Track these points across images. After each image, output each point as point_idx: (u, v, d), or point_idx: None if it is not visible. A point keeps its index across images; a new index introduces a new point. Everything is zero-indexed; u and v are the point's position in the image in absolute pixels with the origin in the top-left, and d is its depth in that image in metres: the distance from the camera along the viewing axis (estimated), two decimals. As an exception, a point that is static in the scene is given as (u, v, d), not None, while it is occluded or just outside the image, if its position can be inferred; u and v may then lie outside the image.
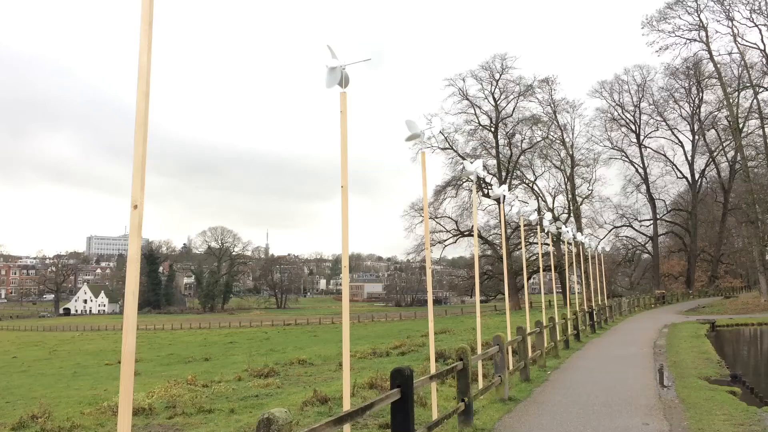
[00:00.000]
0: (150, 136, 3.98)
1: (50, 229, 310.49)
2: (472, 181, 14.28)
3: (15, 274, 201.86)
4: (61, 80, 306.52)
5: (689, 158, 76.79)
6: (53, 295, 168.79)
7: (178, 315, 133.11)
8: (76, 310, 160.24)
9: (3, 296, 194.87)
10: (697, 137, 75.42)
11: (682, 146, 77.13)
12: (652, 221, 78.82)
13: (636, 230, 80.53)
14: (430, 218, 70.98)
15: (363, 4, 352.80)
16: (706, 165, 76.13)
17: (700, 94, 73.01)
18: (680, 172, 77.83)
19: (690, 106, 75.10)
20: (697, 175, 77.07)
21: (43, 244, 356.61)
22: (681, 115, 76.03)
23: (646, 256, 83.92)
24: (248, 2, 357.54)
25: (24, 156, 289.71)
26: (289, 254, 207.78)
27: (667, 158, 78.02)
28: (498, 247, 71.78)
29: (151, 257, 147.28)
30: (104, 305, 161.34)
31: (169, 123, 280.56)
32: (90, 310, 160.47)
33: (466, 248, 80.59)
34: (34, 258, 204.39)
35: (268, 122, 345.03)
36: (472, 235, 67.26)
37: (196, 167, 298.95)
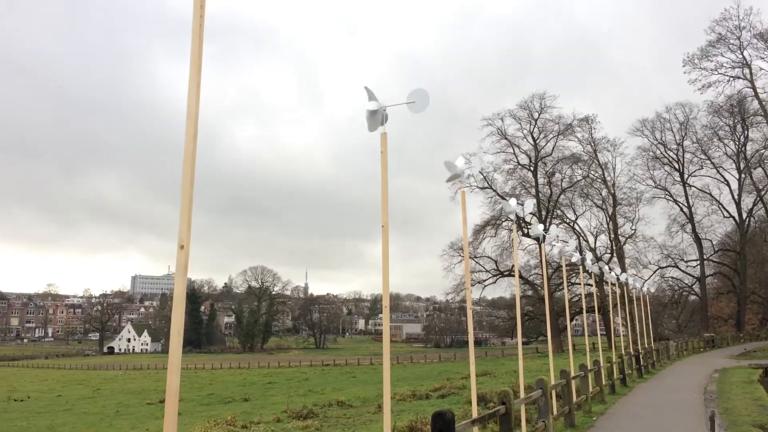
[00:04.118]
0: (196, 176, 4.07)
1: (97, 267, 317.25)
2: (512, 220, 14.21)
3: (62, 313, 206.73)
4: (113, 118, 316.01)
5: (736, 197, 74.89)
6: (98, 334, 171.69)
7: (218, 354, 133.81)
8: (120, 349, 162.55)
9: (50, 335, 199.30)
10: (743, 176, 73.65)
11: (728, 185, 75.37)
12: (698, 262, 76.70)
13: (682, 271, 78.38)
14: (470, 258, 70.46)
15: (405, 50, 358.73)
16: (754, 204, 74.10)
17: (746, 132, 71.59)
18: (727, 211, 75.89)
19: (735, 144, 73.61)
20: (744, 215, 74.96)
21: (90, 283, 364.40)
22: (726, 154, 74.50)
23: (693, 297, 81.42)
24: (292, 45, 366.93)
25: (74, 195, 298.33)
26: (327, 294, 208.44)
27: (713, 197, 76.23)
28: (539, 288, 70.67)
29: (193, 296, 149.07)
30: (147, 344, 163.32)
31: (213, 161, 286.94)
32: (133, 349, 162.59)
33: (506, 288, 79.49)
34: (81, 297, 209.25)
35: (312, 158, 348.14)
36: (513, 275, 66.43)
37: (239, 205, 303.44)
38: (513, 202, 13.77)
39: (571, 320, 63.43)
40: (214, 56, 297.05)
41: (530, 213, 68.32)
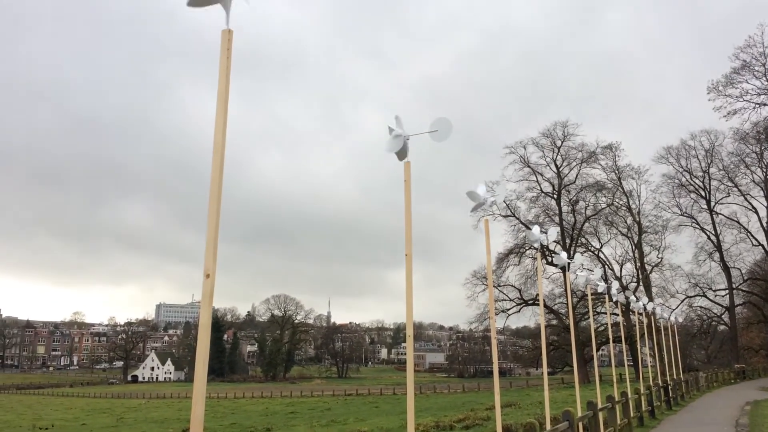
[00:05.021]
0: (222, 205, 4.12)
1: (123, 296, 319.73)
2: (536, 248, 14.12)
3: (87, 341, 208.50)
4: (140, 146, 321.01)
5: (764, 225, 73.58)
6: (122, 362, 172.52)
7: (240, 383, 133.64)
8: (144, 377, 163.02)
9: (75, 363, 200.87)
10: (771, 203, 72.46)
11: (756, 212, 74.03)
12: (727, 291, 75.13)
13: (711, 300, 76.76)
14: (493, 286, 69.90)
15: (429, 79, 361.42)
16: (784, 232, 72.71)
17: (773, 158, 70.60)
18: (755, 239, 74.43)
19: (762, 171, 72.46)
20: (773, 243, 73.55)
21: (116, 311, 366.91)
22: (753, 181, 73.34)
23: (722, 327, 79.65)
24: (317, 73, 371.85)
25: (101, 224, 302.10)
26: (350, 322, 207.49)
27: (741, 225, 74.94)
28: (564, 317, 69.74)
29: (216, 325, 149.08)
30: (170, 372, 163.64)
31: (238, 190, 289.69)
32: (156, 378, 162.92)
33: (531, 318, 78.59)
34: (106, 325, 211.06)
35: (335, 186, 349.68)
36: (537, 304, 65.68)
37: (262, 233, 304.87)
38: (537, 230, 13.69)
39: (598, 350, 62.35)
40: (240, 86, 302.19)
41: (554, 241, 67.85)
